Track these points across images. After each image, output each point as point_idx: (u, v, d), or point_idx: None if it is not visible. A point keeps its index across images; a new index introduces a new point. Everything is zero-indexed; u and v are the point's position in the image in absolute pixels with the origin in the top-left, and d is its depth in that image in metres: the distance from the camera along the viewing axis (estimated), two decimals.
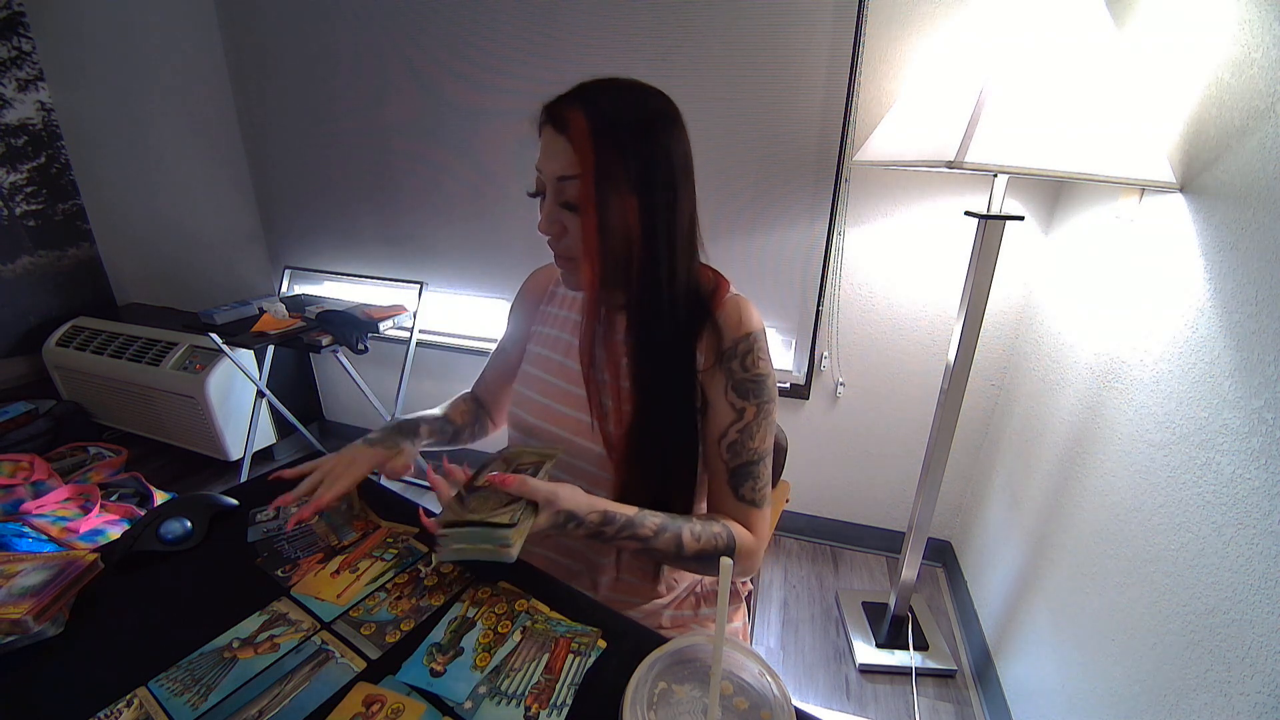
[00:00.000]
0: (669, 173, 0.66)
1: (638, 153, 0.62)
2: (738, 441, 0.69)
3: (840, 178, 1.50)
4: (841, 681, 1.42)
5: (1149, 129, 0.93)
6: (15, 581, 0.58)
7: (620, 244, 0.64)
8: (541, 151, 0.64)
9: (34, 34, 2.06)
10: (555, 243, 0.67)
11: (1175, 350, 0.89)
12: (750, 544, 0.69)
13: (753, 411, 0.68)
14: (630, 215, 0.63)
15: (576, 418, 0.74)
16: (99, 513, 1.53)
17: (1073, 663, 1.05)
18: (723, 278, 0.75)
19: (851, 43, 1.40)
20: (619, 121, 0.62)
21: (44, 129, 2.14)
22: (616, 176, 0.62)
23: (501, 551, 0.54)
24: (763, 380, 0.69)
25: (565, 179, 0.62)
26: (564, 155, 0.61)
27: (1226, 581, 0.74)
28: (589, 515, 0.61)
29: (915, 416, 1.69)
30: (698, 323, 0.69)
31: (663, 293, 0.66)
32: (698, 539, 0.66)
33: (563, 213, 0.64)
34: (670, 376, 0.68)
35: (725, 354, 0.68)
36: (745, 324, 0.69)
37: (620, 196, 0.62)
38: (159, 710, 0.48)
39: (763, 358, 0.69)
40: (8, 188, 2.08)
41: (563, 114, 0.62)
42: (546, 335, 0.82)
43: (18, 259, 2.14)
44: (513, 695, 0.51)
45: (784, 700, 0.43)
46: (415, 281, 1.99)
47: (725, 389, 0.68)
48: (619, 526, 0.63)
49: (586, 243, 0.63)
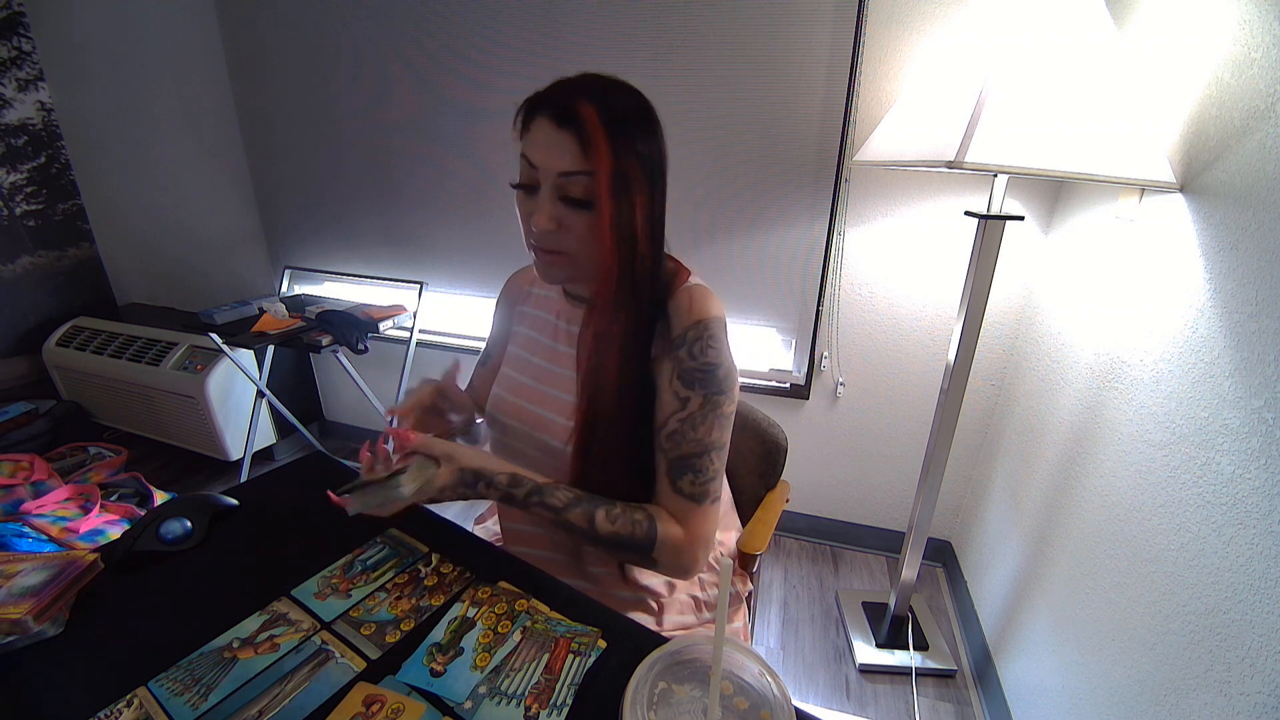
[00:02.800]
0: (664, 168, 0.67)
1: (649, 150, 0.63)
2: (679, 431, 0.67)
3: (840, 178, 1.50)
4: (841, 681, 1.42)
5: (1149, 129, 0.93)
6: (15, 581, 0.58)
7: (626, 240, 0.64)
8: (536, 145, 0.62)
9: (34, 34, 2.06)
10: (547, 237, 0.65)
11: (1175, 350, 0.89)
12: (677, 540, 0.66)
13: (698, 402, 0.66)
14: (639, 211, 0.63)
15: (551, 419, 0.74)
16: (99, 513, 1.53)
17: (1073, 663, 1.05)
18: (683, 267, 0.74)
19: (851, 43, 1.40)
20: (629, 118, 0.62)
21: (44, 129, 2.14)
22: (631, 172, 0.61)
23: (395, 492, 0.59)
24: (712, 370, 0.66)
25: (571, 175, 0.61)
26: (569, 150, 0.60)
27: (1226, 581, 0.74)
28: (498, 475, 0.64)
29: (915, 416, 1.69)
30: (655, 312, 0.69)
31: (649, 286, 0.67)
32: (612, 521, 0.65)
33: (562, 208, 0.63)
34: (626, 368, 0.68)
35: (674, 342, 0.67)
36: (696, 311, 0.67)
37: (631, 192, 0.62)
38: (159, 710, 0.48)
39: (714, 346, 0.67)
40: (8, 188, 2.08)
41: (570, 108, 0.60)
42: (523, 336, 0.83)
43: (18, 259, 2.14)
44: (513, 695, 0.51)
45: (784, 700, 0.43)
46: (415, 281, 1.99)
47: (671, 377, 0.67)
48: (528, 490, 0.64)
49: (601, 240, 0.63)
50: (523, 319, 0.84)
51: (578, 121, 0.59)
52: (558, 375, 0.76)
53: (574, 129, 0.60)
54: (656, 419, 0.69)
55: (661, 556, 0.66)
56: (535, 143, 0.62)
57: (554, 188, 0.62)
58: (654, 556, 0.66)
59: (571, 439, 0.71)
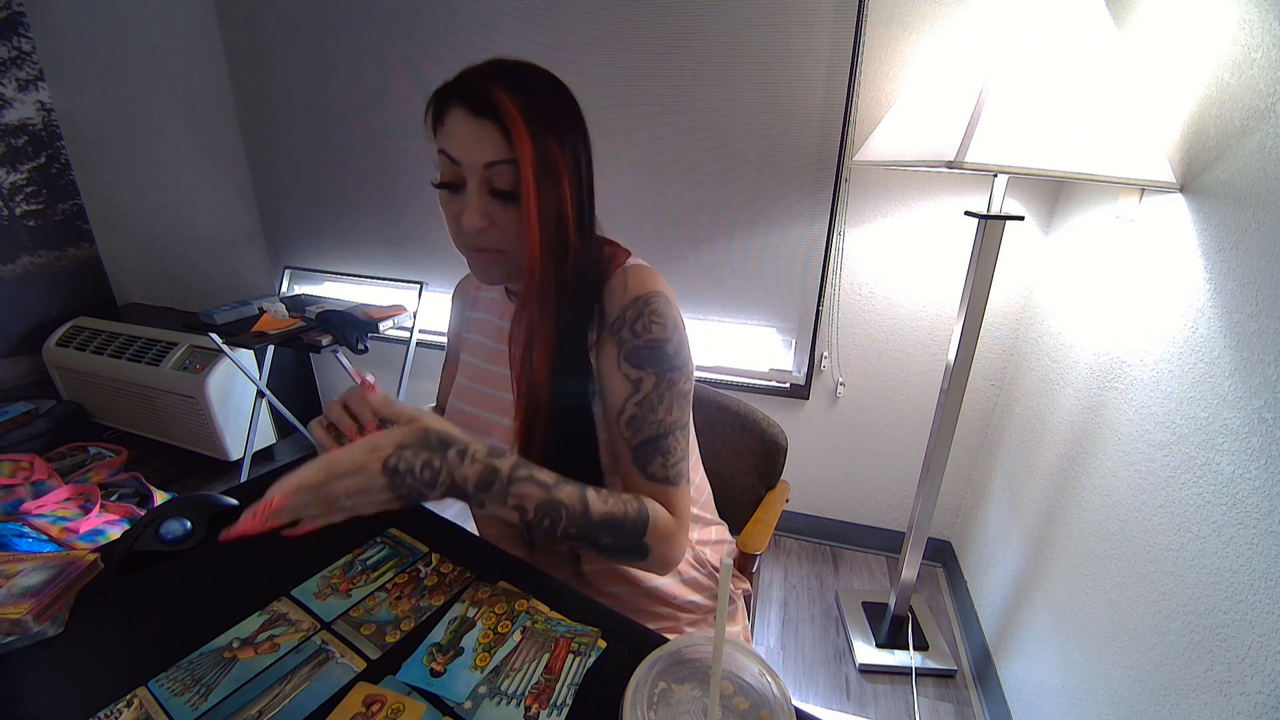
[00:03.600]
0: (589, 153, 0.64)
1: (569, 133, 0.61)
2: (638, 415, 0.64)
3: (840, 178, 1.50)
4: (841, 681, 1.42)
5: (1149, 129, 0.93)
6: (15, 581, 0.58)
7: (554, 229, 0.61)
8: (454, 139, 0.58)
9: (34, 34, 2.06)
10: (480, 235, 0.61)
11: (1175, 350, 0.89)
12: (669, 524, 0.63)
13: (651, 381, 0.63)
14: (565, 198, 0.61)
15: (495, 421, 0.72)
16: (99, 513, 1.53)
17: (1073, 663, 1.05)
18: (621, 249, 0.70)
19: (851, 43, 1.40)
20: (547, 101, 0.60)
21: (44, 129, 2.14)
22: (553, 158, 0.59)
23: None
24: (660, 346, 0.63)
25: (495, 165, 0.58)
26: (491, 140, 0.57)
27: (1226, 581, 0.74)
28: (475, 445, 0.54)
29: (915, 416, 1.69)
30: (589, 299, 0.66)
31: (579, 276, 0.64)
32: (604, 500, 0.59)
33: (492, 202, 0.60)
34: (561, 359, 0.65)
35: (614, 324, 0.64)
36: (633, 289, 0.64)
37: (556, 179, 0.59)
38: (159, 710, 0.48)
39: (658, 322, 0.63)
40: (8, 188, 2.08)
41: (484, 96, 0.56)
42: (471, 341, 0.81)
43: (18, 259, 2.14)
44: (513, 695, 0.51)
45: (784, 700, 0.43)
46: (415, 281, 1.99)
47: (618, 360, 0.64)
48: (512, 465, 0.56)
49: (528, 230, 0.59)
50: (471, 324, 0.82)
51: (495, 109, 0.56)
52: (497, 376, 0.74)
53: (492, 117, 0.56)
54: (611, 407, 0.66)
55: (654, 541, 0.62)
56: (453, 136, 0.59)
57: (481, 181, 0.59)
58: (646, 542, 0.61)
59: (514, 439, 0.68)
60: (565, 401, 0.65)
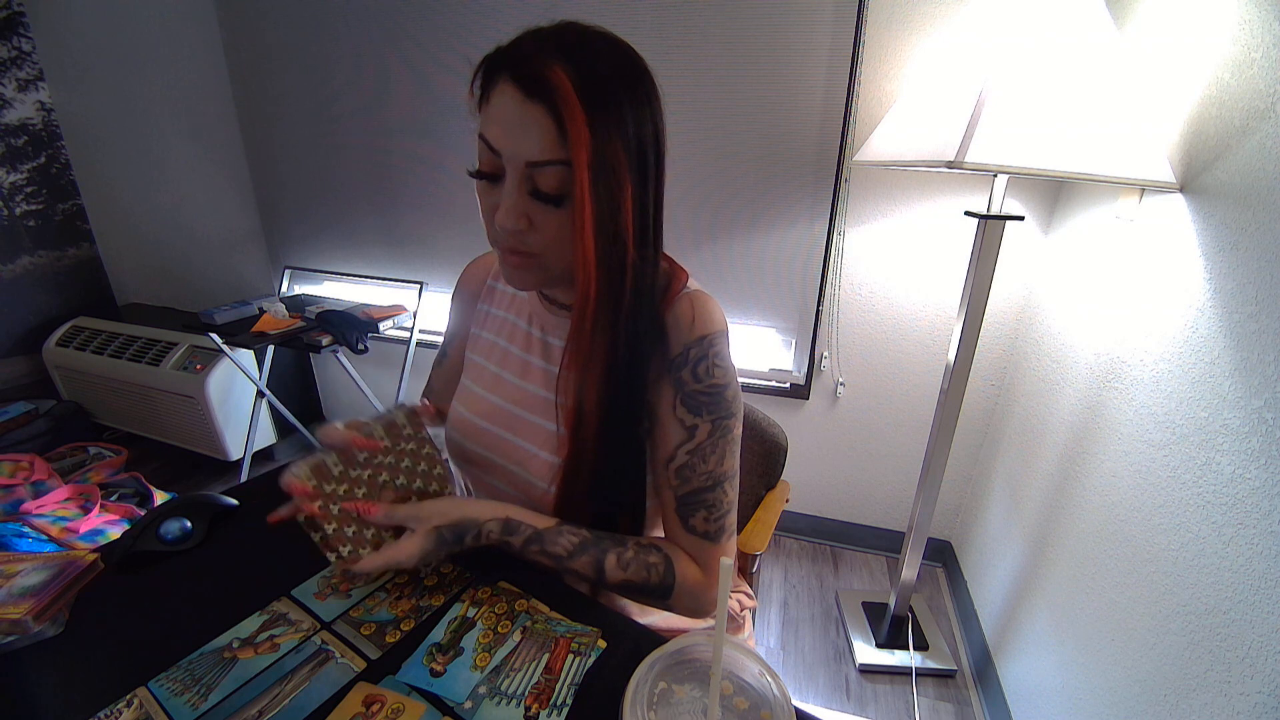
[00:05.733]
0: (659, 150, 0.53)
1: (640, 128, 0.50)
2: (687, 465, 0.58)
3: (840, 178, 1.50)
4: (841, 681, 1.42)
5: (1149, 129, 0.93)
6: (15, 581, 0.58)
7: (611, 245, 0.51)
8: (498, 123, 0.49)
9: (34, 34, 2.06)
10: (515, 236, 0.52)
11: (1175, 350, 0.89)
12: (696, 582, 0.59)
13: (706, 430, 0.58)
14: (626, 207, 0.50)
15: (532, 452, 0.64)
16: (99, 513, 1.53)
17: (1073, 663, 1.05)
18: (678, 267, 0.62)
19: (851, 43, 1.40)
20: (619, 85, 0.49)
21: (44, 129, 2.14)
22: (616, 159, 0.48)
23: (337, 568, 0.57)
24: (719, 392, 0.58)
25: (541, 165, 0.48)
26: (541, 132, 0.47)
27: (1226, 581, 0.74)
28: (487, 524, 0.54)
29: (915, 416, 1.69)
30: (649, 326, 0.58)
31: (637, 300, 0.55)
32: (624, 567, 0.57)
33: (532, 203, 0.51)
34: (616, 397, 0.57)
35: (674, 362, 0.58)
36: (700, 325, 0.58)
37: (618, 183, 0.49)
38: (159, 710, 0.48)
39: (720, 365, 0.58)
40: (8, 188, 2.08)
41: (539, 73, 0.46)
42: (486, 342, 0.71)
43: (18, 259, 2.14)
44: (513, 695, 0.51)
45: (784, 700, 0.43)
46: (415, 281, 1.99)
47: (674, 403, 0.58)
48: (526, 539, 0.55)
49: (581, 245, 0.50)
50: (485, 321, 0.72)
51: (550, 91, 0.46)
52: (533, 397, 0.66)
53: (545, 100, 0.46)
54: (659, 450, 0.60)
55: (679, 601, 0.59)
56: (496, 120, 0.49)
57: (522, 179, 0.50)
58: (670, 602, 0.59)
59: (556, 479, 0.61)
60: (617, 440, 0.59)
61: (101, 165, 2.24)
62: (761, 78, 1.49)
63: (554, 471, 0.62)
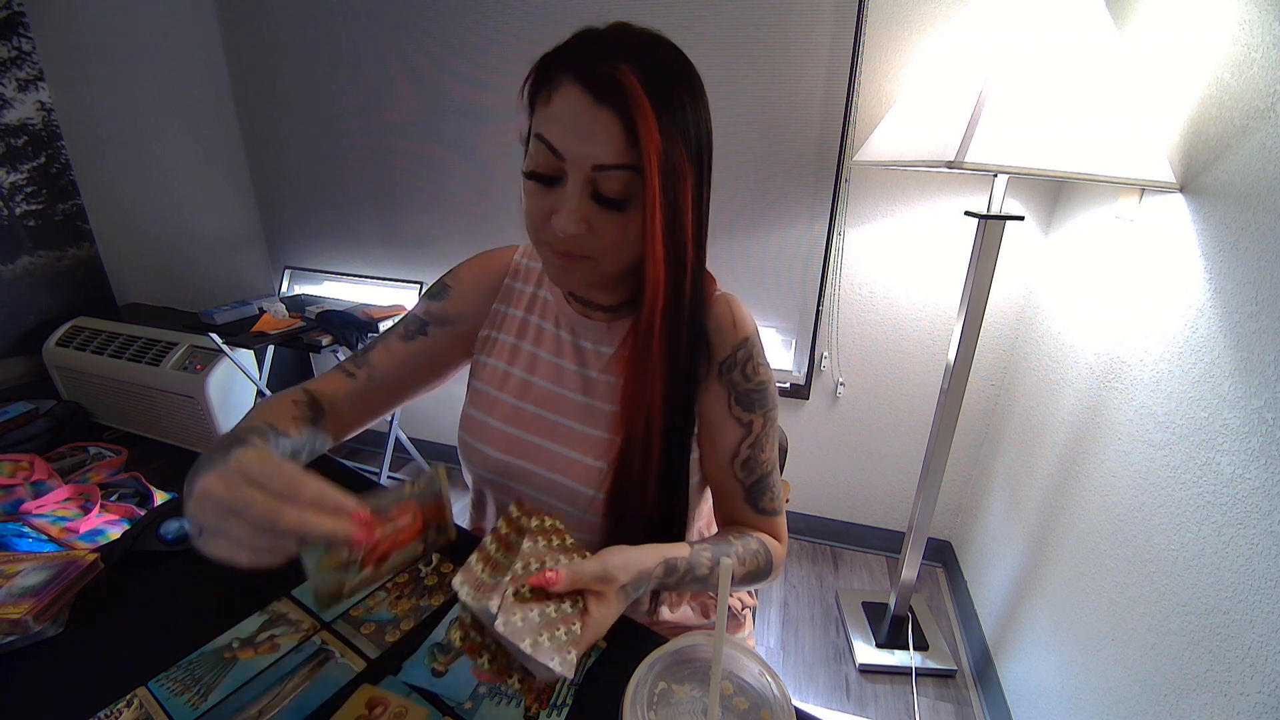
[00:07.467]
0: (710, 149, 0.54)
1: (696, 127, 0.50)
2: (751, 458, 0.63)
3: (840, 178, 1.50)
4: (841, 681, 1.42)
5: (1149, 129, 0.93)
6: (15, 581, 0.58)
7: (677, 244, 0.51)
8: (562, 126, 0.47)
9: (34, 34, 2.06)
10: (572, 241, 0.51)
11: (1175, 350, 0.89)
12: (781, 552, 0.66)
13: (760, 423, 0.62)
14: (686, 209, 0.50)
15: (576, 459, 0.63)
16: (99, 513, 1.52)
17: (1073, 662, 1.05)
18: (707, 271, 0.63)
19: (851, 43, 1.40)
20: (679, 86, 0.49)
21: (44, 129, 2.14)
22: (680, 161, 0.48)
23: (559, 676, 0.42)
24: (765, 388, 0.62)
25: (608, 169, 0.47)
26: (608, 135, 0.46)
27: (1226, 581, 0.74)
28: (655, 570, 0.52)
29: (915, 416, 1.69)
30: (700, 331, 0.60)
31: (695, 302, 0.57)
32: (744, 562, 0.60)
33: (594, 208, 0.49)
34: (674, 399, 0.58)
35: (724, 364, 0.61)
36: (741, 327, 0.62)
37: (680, 186, 0.49)
38: (159, 710, 0.48)
39: (763, 363, 0.63)
40: (8, 188, 2.08)
41: (610, 77, 0.45)
42: (506, 345, 0.68)
43: (18, 259, 2.14)
44: (513, 695, 0.51)
45: (784, 700, 0.43)
46: (415, 281, 1.99)
47: (729, 404, 0.61)
48: (682, 574, 0.55)
49: (652, 250, 0.49)
50: (503, 322, 0.69)
51: (623, 96, 0.45)
52: (570, 402, 0.65)
53: (615, 105, 0.45)
54: (720, 450, 0.63)
55: (776, 572, 0.65)
56: (561, 121, 0.47)
57: (586, 183, 0.48)
58: (771, 577, 0.65)
59: (605, 485, 0.61)
60: (674, 442, 0.60)
61: (101, 165, 2.24)
62: (761, 78, 1.49)
63: (601, 477, 0.61)
